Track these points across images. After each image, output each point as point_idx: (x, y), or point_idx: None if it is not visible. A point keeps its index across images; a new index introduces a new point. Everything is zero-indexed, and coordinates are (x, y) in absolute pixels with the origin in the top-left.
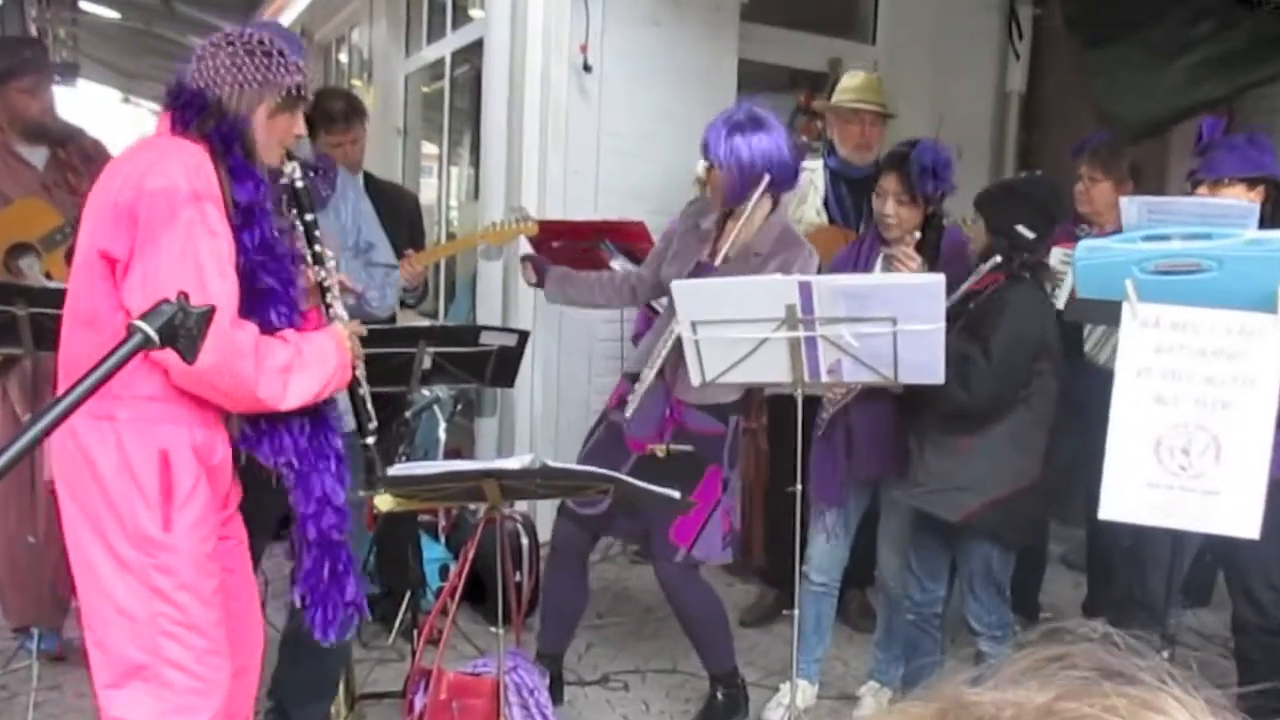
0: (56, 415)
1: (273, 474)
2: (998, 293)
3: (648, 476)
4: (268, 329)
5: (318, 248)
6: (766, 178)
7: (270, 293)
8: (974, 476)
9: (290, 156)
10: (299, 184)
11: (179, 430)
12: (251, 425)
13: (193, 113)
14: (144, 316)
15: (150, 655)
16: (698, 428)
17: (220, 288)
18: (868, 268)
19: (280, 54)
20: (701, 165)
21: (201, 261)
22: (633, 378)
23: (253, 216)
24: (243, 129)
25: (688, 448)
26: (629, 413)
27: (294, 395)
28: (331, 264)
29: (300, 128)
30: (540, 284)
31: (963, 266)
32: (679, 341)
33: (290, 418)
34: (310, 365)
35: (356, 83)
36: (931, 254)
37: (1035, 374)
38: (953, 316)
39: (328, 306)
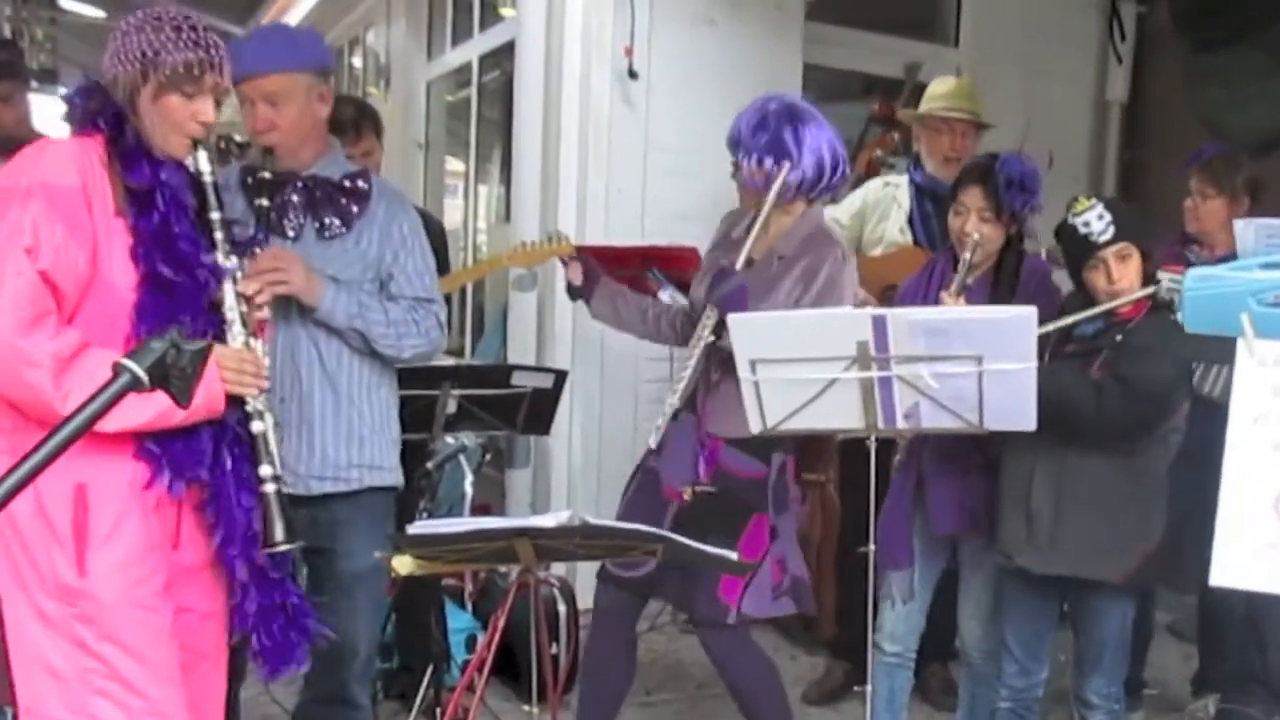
0: (33, 467)
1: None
2: (1142, 325)
3: (688, 528)
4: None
5: (218, 254)
6: (786, 166)
7: (174, 286)
8: (1130, 527)
9: (204, 148)
10: (206, 178)
11: (106, 462)
12: (156, 440)
13: (80, 102)
14: (132, 354)
15: (80, 717)
16: (736, 468)
17: (11, 285)
18: (939, 296)
19: (185, 28)
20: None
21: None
22: (674, 416)
23: (149, 203)
24: (129, 112)
25: (710, 487)
26: (653, 443)
27: (121, 417)
28: (236, 271)
29: (208, 114)
30: (586, 295)
31: (1045, 299)
32: (709, 359)
33: (200, 435)
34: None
35: (372, 91)
36: (1010, 281)
37: (1175, 410)
38: (1090, 352)
39: (223, 320)
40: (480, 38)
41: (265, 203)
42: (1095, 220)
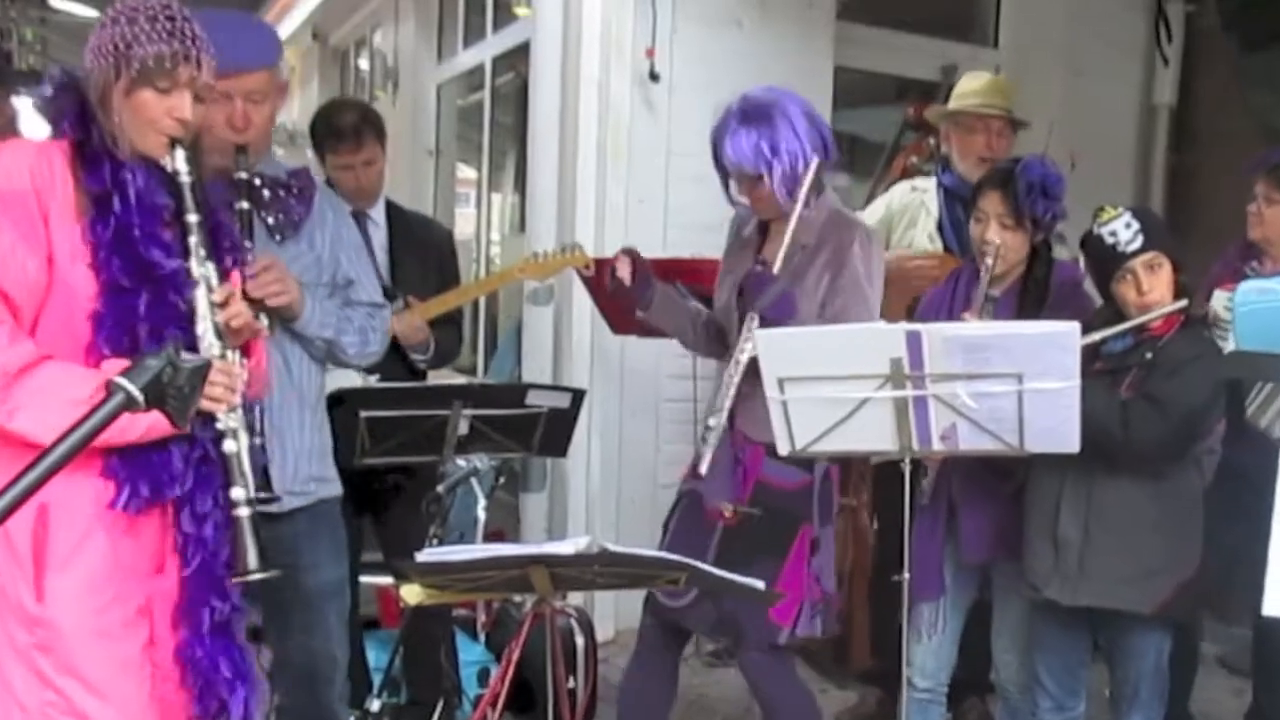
0: (23, 490)
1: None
2: (1174, 341)
3: (735, 549)
4: (130, 339)
5: (192, 260)
6: (815, 160)
7: (135, 293)
8: (1162, 556)
9: (182, 147)
10: (183, 178)
11: (69, 481)
12: (123, 457)
13: (51, 101)
14: (127, 373)
15: None
16: (779, 481)
17: None
18: (967, 309)
19: (161, 19)
20: None
21: None
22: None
23: (106, 207)
24: (96, 110)
25: (755, 511)
26: (703, 468)
27: (24, 421)
28: (210, 278)
29: (184, 110)
30: (638, 295)
31: (1077, 310)
32: (750, 369)
33: (171, 452)
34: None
35: (380, 94)
36: (1039, 293)
37: (1209, 432)
38: (1119, 370)
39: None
40: (494, 38)
41: (245, 205)
42: (1123, 229)
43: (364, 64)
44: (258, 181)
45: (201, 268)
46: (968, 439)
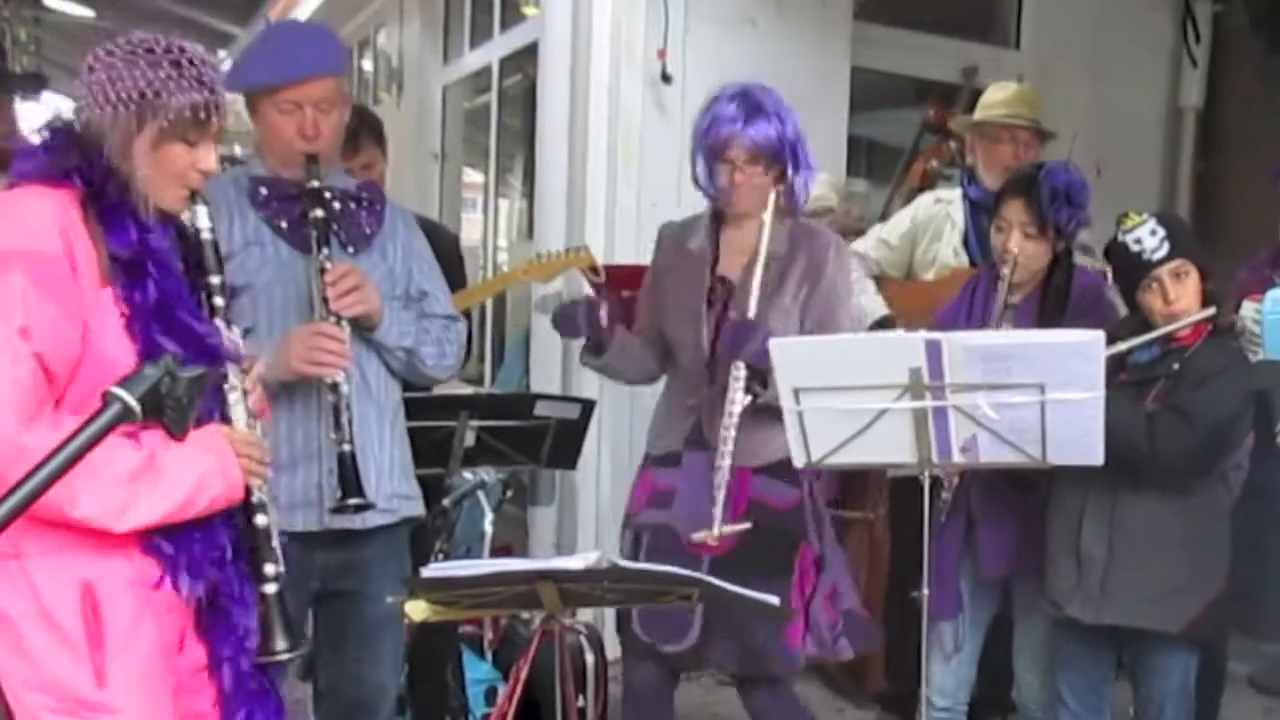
0: (22, 501)
1: None
2: (1201, 351)
3: (732, 577)
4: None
5: (219, 323)
6: (789, 167)
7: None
8: (1188, 573)
9: (203, 201)
10: (205, 235)
11: (104, 558)
12: (166, 536)
13: (54, 153)
14: (123, 382)
15: None
16: (771, 498)
17: (9, 374)
18: (985, 320)
19: (185, 62)
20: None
21: None
22: (666, 460)
23: (140, 272)
24: (115, 163)
25: (745, 524)
26: (714, 532)
27: (136, 515)
28: (238, 342)
29: (210, 162)
30: (598, 340)
31: (1100, 318)
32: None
33: (217, 528)
34: (165, 478)
35: (384, 96)
36: (1059, 300)
37: (1237, 445)
38: (1144, 381)
39: (222, 401)
40: (501, 39)
41: (320, 214)
42: (1148, 236)
43: (367, 65)
44: (328, 194)
45: (231, 332)
46: (989, 451)
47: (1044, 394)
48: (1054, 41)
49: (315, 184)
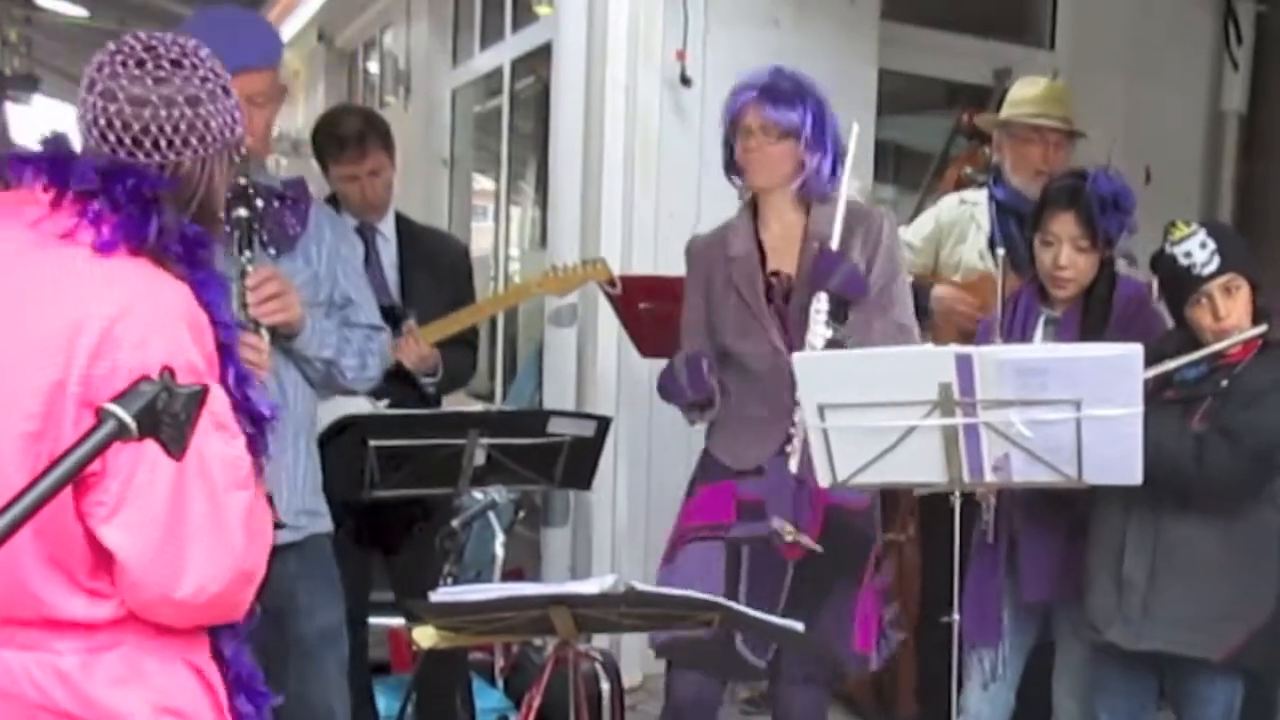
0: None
1: None
2: (1251, 369)
3: (811, 579)
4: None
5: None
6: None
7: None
8: (1234, 599)
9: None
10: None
11: (198, 637)
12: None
13: (133, 206)
14: (119, 399)
15: None
16: (850, 502)
17: (235, 500)
18: (1025, 334)
19: (225, 93)
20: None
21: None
22: (747, 471)
23: (232, 348)
24: (210, 220)
25: (817, 548)
26: (793, 465)
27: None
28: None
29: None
30: (709, 396)
31: (1144, 329)
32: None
33: None
34: None
35: (390, 100)
36: (1102, 311)
37: None
38: (1192, 399)
39: None
40: (513, 39)
41: (244, 213)
42: (1197, 249)
43: (373, 67)
44: (252, 191)
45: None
46: (1022, 470)
47: (1080, 410)
48: (1090, 42)
49: (242, 181)
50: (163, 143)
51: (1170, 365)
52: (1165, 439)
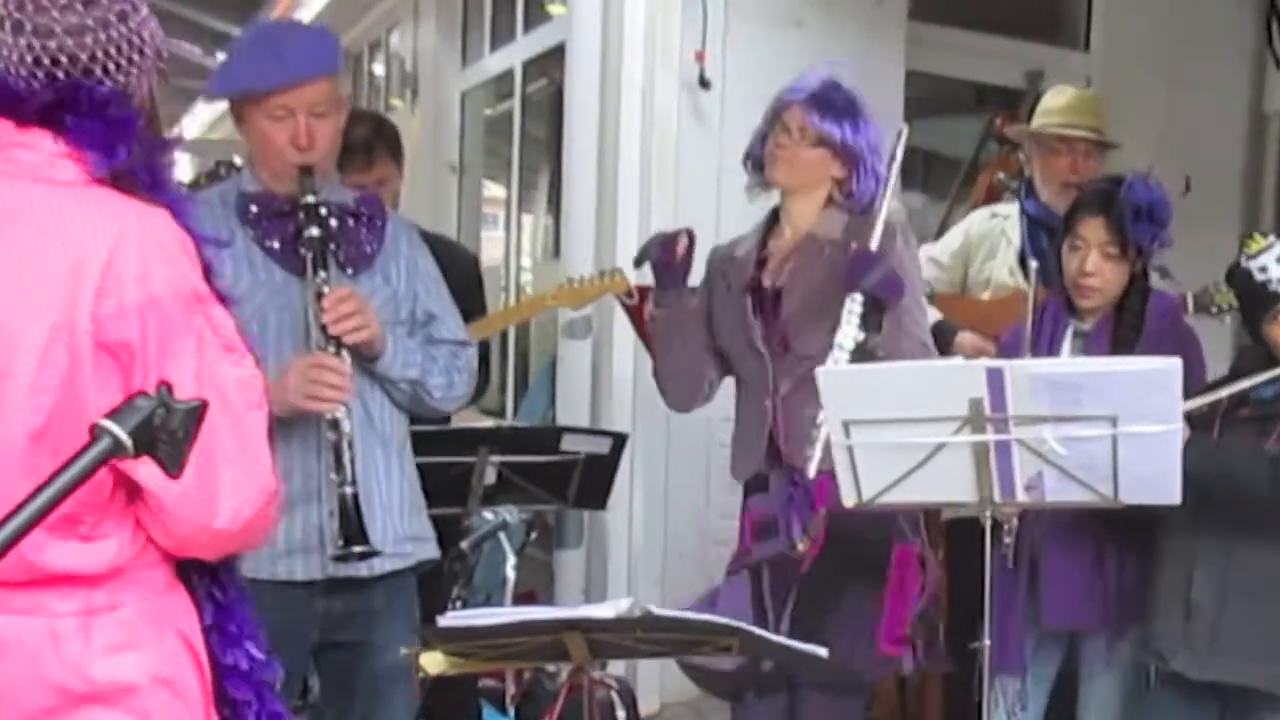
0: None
1: None
2: None
3: (822, 583)
4: None
5: None
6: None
7: None
8: None
9: None
10: None
11: (187, 605)
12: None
13: (100, 133)
14: (114, 414)
15: None
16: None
17: (254, 419)
18: (1053, 348)
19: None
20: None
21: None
22: (755, 485)
23: (210, 270)
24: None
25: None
26: (811, 469)
27: None
28: None
29: None
30: (676, 269)
31: (1177, 345)
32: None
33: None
34: None
35: (396, 103)
36: (1134, 324)
37: None
38: (1269, 418)
39: None
40: (524, 40)
41: (316, 232)
42: (1273, 263)
43: (379, 69)
44: (324, 210)
45: None
46: (1056, 490)
47: (1116, 427)
48: (1126, 43)
49: (310, 199)
50: (111, 66)
51: (1245, 384)
52: (1239, 460)
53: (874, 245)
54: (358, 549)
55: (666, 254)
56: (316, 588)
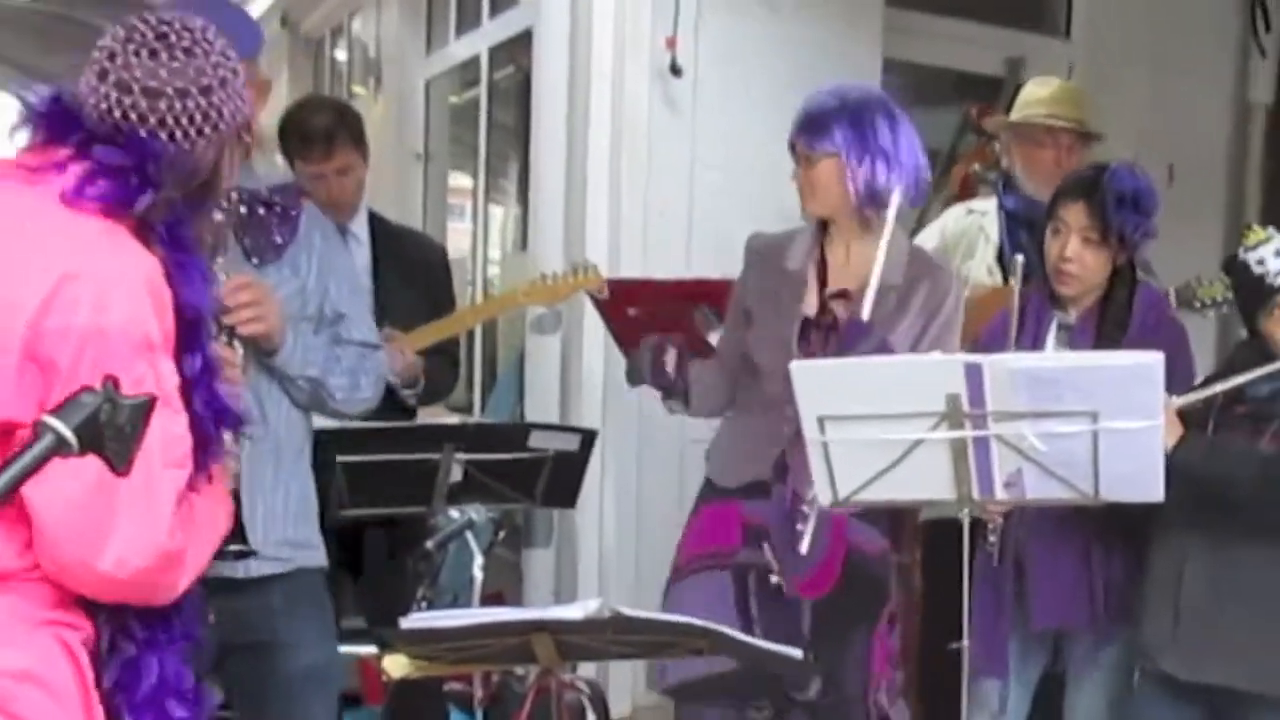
0: None
1: None
2: None
3: (830, 623)
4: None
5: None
6: (897, 175)
7: (206, 433)
8: None
9: None
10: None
11: (80, 627)
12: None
13: (137, 179)
14: (57, 411)
15: None
16: (868, 545)
17: (169, 477)
18: (1036, 342)
19: (234, 75)
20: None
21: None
22: (752, 491)
23: (197, 332)
24: (209, 198)
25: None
26: (804, 548)
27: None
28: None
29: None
30: (674, 386)
31: (1163, 339)
32: None
33: None
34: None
35: (359, 90)
36: (1119, 318)
37: None
38: (1263, 416)
39: None
40: (491, 26)
41: (218, 217)
42: (1271, 257)
43: (341, 55)
44: (234, 196)
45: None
46: (1035, 486)
47: (1097, 423)
48: (1108, 30)
49: None
50: (178, 134)
51: (1239, 380)
52: (1231, 459)
53: (865, 313)
54: (233, 548)
55: (660, 377)
56: (206, 585)
